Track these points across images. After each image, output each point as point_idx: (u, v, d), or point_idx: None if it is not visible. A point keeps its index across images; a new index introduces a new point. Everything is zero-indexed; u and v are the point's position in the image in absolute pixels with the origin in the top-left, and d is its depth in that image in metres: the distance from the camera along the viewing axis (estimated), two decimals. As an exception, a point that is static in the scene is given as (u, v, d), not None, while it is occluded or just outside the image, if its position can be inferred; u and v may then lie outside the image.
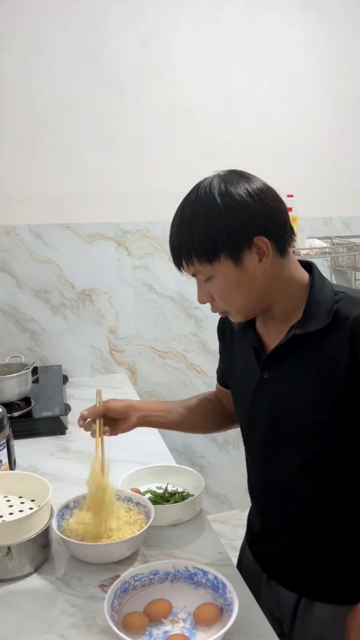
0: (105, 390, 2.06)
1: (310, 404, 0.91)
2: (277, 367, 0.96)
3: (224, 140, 2.25)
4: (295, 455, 0.95)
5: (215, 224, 0.86)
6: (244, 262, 0.88)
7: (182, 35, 2.15)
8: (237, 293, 0.91)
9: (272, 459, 1.00)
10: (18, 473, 1.19)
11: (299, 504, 0.97)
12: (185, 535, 1.11)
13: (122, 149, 2.15)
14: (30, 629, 0.87)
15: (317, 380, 0.90)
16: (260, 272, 0.89)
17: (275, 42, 2.27)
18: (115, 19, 2.06)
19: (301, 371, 0.92)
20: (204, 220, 0.87)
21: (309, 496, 0.96)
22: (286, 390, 0.95)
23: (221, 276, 0.90)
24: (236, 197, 0.86)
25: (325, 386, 0.89)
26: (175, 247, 0.92)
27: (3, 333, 2.11)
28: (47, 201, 2.09)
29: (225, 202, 0.86)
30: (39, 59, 2.01)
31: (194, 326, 2.35)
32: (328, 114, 2.40)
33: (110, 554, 1.00)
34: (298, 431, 0.94)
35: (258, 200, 0.87)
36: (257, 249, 0.88)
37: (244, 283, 0.90)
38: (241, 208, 0.86)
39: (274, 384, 0.97)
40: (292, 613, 1.03)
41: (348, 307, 0.88)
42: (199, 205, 0.88)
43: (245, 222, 0.86)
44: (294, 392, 0.93)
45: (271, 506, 1.04)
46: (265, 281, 0.91)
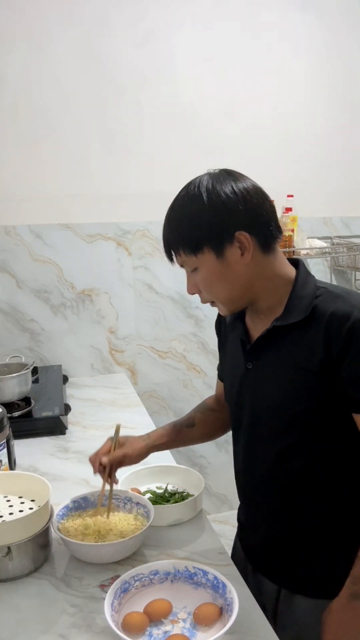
0: (105, 390, 2.08)
1: (287, 394, 0.94)
2: (260, 358, 1.00)
3: (223, 140, 2.25)
4: (273, 445, 0.98)
5: (199, 217, 0.91)
6: (226, 255, 0.92)
7: (182, 35, 2.15)
8: (219, 285, 0.96)
9: (253, 448, 1.03)
10: (18, 473, 1.19)
11: (278, 494, 1.00)
12: (185, 535, 1.11)
13: (122, 149, 2.15)
14: (30, 629, 0.87)
15: (295, 371, 0.93)
16: (242, 267, 0.93)
17: (275, 41, 2.27)
18: (115, 19, 2.06)
19: (280, 362, 0.96)
20: (189, 214, 0.93)
21: (288, 487, 0.98)
22: (267, 381, 0.98)
23: (204, 268, 0.95)
24: (220, 193, 0.91)
25: (302, 377, 0.92)
26: (165, 239, 0.98)
27: (3, 333, 2.11)
28: (47, 201, 2.09)
29: (209, 198, 0.91)
30: (39, 59, 2.01)
31: (194, 326, 2.35)
32: (328, 113, 2.40)
33: (110, 554, 1.00)
34: (277, 421, 0.97)
35: (241, 198, 0.91)
36: (239, 244, 0.92)
37: (226, 276, 0.94)
38: (224, 204, 0.91)
39: (257, 374, 1.01)
40: (274, 605, 1.05)
41: (327, 301, 0.92)
42: (187, 201, 0.93)
43: (227, 216, 0.91)
44: (273, 382, 0.97)
45: (253, 496, 1.07)
46: (247, 275, 0.95)
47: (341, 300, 0.91)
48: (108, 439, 1.13)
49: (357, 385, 0.88)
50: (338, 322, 0.88)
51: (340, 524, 0.97)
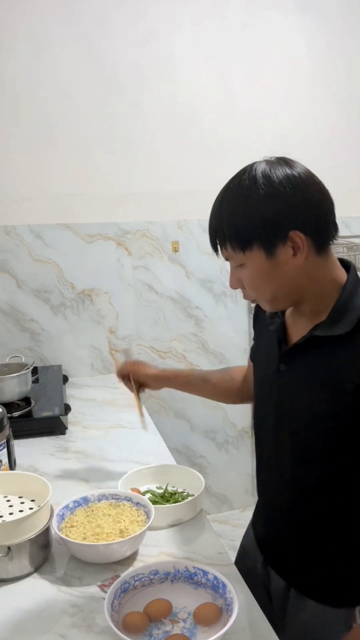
0: (105, 390, 2.08)
1: (316, 409, 0.89)
2: (294, 363, 0.95)
3: (224, 140, 2.25)
4: (296, 451, 0.95)
5: (252, 212, 0.84)
6: (277, 255, 0.86)
7: (182, 34, 2.15)
8: (266, 285, 0.90)
9: (277, 449, 1.00)
10: (18, 473, 1.19)
11: (298, 495, 0.97)
12: (185, 535, 1.11)
13: (122, 149, 2.15)
14: (30, 629, 0.87)
15: (328, 387, 0.87)
16: (293, 268, 0.87)
17: (275, 41, 2.27)
18: (115, 19, 2.06)
19: (313, 373, 0.90)
20: (242, 207, 0.86)
21: (307, 491, 0.95)
22: (297, 389, 0.93)
23: (252, 266, 0.88)
24: (277, 186, 0.84)
25: (333, 395, 0.86)
26: (212, 229, 0.92)
27: (3, 333, 2.11)
28: (47, 201, 2.09)
29: (265, 191, 0.84)
30: (39, 59, 2.01)
31: (194, 326, 2.35)
32: (328, 113, 2.40)
33: (110, 554, 1.00)
34: (302, 432, 0.93)
35: (300, 192, 0.84)
36: (292, 244, 0.85)
37: (275, 276, 0.88)
38: (281, 199, 0.84)
39: (288, 378, 0.96)
40: (283, 602, 1.03)
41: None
42: (241, 191, 0.86)
43: (282, 214, 0.84)
44: (303, 393, 0.92)
45: (272, 490, 1.04)
46: (297, 277, 0.88)
47: None
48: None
49: None
50: None
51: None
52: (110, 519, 1.06)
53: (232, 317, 2.38)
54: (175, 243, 2.24)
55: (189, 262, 2.27)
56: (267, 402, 1.02)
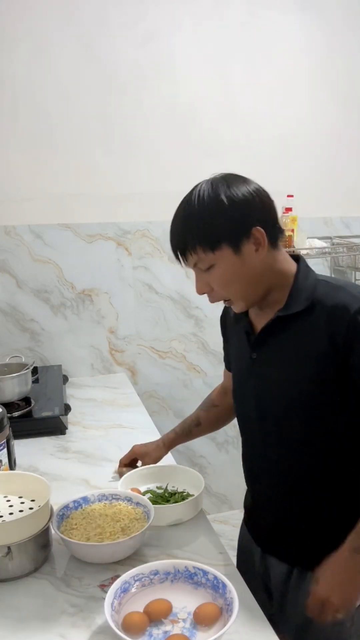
0: (105, 390, 2.08)
1: (291, 381, 0.99)
2: (264, 348, 1.04)
3: (224, 140, 2.25)
4: (281, 432, 1.03)
5: (220, 215, 0.94)
6: (243, 251, 0.96)
7: (182, 34, 2.15)
8: (236, 281, 0.99)
9: (262, 436, 1.07)
10: (18, 473, 1.19)
11: (286, 477, 1.04)
12: (185, 535, 1.11)
13: (122, 149, 2.15)
14: (30, 629, 0.87)
15: (298, 359, 0.97)
16: (256, 262, 0.97)
17: (275, 41, 2.27)
18: (115, 19, 2.06)
19: (284, 351, 1.00)
20: (209, 212, 0.95)
21: (296, 471, 1.02)
22: (271, 370, 1.03)
23: (222, 264, 0.97)
24: (238, 193, 0.95)
25: (305, 364, 0.96)
26: (179, 238, 0.99)
27: (3, 333, 2.11)
28: (47, 201, 2.09)
29: (228, 197, 0.94)
30: (39, 59, 2.00)
31: (194, 326, 2.35)
32: (328, 113, 2.40)
33: (110, 554, 1.00)
34: (282, 409, 1.01)
35: (257, 197, 0.96)
36: (254, 239, 0.96)
37: (242, 271, 0.97)
38: (242, 202, 0.95)
39: (261, 363, 1.05)
40: (283, 587, 1.07)
41: (328, 292, 0.96)
42: (204, 200, 0.95)
43: (245, 214, 0.95)
44: (277, 370, 1.01)
45: (261, 479, 1.11)
46: (260, 270, 0.98)
47: (342, 291, 0.95)
48: (130, 451, 1.37)
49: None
50: (340, 312, 0.92)
51: (351, 502, 1.00)
52: (108, 519, 1.06)
53: (232, 317, 2.38)
54: (175, 243, 2.24)
55: (189, 262, 2.27)
56: (246, 393, 1.10)
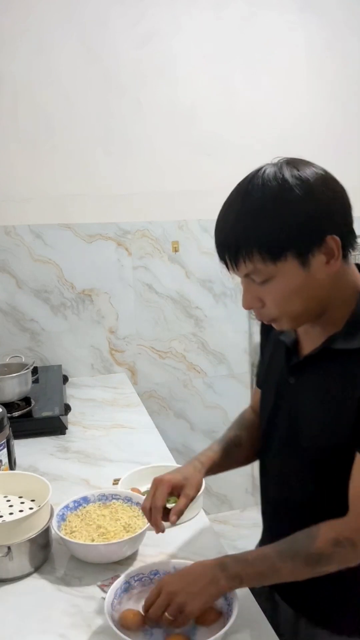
0: (105, 390, 2.08)
1: (323, 424, 0.83)
2: (304, 376, 0.87)
3: (224, 140, 2.24)
4: (307, 471, 0.88)
5: (289, 215, 0.74)
6: (312, 264, 0.77)
7: (182, 34, 2.15)
8: (296, 298, 0.80)
9: (286, 467, 0.92)
10: (18, 473, 1.20)
11: (307, 517, 0.86)
12: (185, 535, 1.11)
13: (122, 149, 2.15)
14: (30, 629, 0.87)
15: (337, 403, 0.81)
16: (324, 277, 0.78)
17: (275, 41, 2.27)
18: (115, 19, 2.06)
19: (325, 388, 0.83)
20: (274, 210, 0.75)
21: (317, 514, 0.85)
22: (306, 403, 0.87)
23: (284, 278, 0.78)
24: (315, 186, 0.75)
25: (341, 412, 0.80)
26: (231, 240, 0.78)
27: (3, 333, 2.11)
28: (47, 201, 2.09)
29: (303, 190, 0.74)
30: (39, 59, 2.01)
31: (194, 326, 2.35)
32: (328, 113, 2.40)
33: (110, 554, 1.00)
34: (310, 449, 0.86)
35: (334, 193, 0.77)
36: (326, 250, 0.77)
37: (307, 288, 0.79)
38: (320, 199, 0.75)
39: (298, 392, 0.88)
40: (292, 637, 0.95)
41: None
42: (272, 194, 0.75)
43: (322, 216, 0.75)
44: (312, 406, 0.85)
45: (280, 512, 0.97)
46: (327, 287, 0.80)
47: None
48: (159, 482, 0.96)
49: None
50: None
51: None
52: (107, 518, 1.06)
53: (232, 317, 2.38)
54: (175, 243, 2.24)
55: (189, 262, 2.27)
56: (274, 416, 0.94)
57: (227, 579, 0.81)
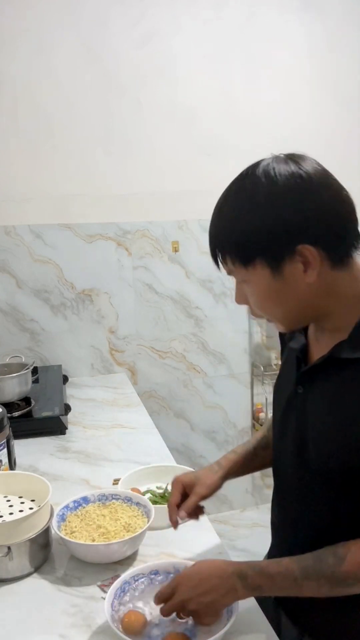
0: (105, 390, 2.08)
1: (331, 437, 0.79)
2: (313, 385, 0.83)
3: (224, 140, 2.25)
4: (318, 487, 0.83)
5: (254, 222, 0.72)
6: (285, 272, 0.73)
7: (182, 34, 2.15)
8: (273, 304, 0.78)
9: (297, 482, 0.88)
10: (18, 473, 1.19)
11: (317, 536, 0.83)
12: (185, 535, 1.11)
13: (123, 149, 2.15)
14: (30, 629, 0.87)
15: (346, 415, 0.76)
16: (303, 285, 0.74)
17: (276, 41, 2.27)
18: (116, 19, 2.06)
19: (333, 398, 0.79)
20: (242, 216, 0.73)
21: (327, 532, 0.82)
22: (314, 413, 0.82)
23: (256, 284, 0.76)
24: (286, 194, 0.71)
25: (351, 425, 0.75)
26: (211, 239, 0.79)
27: (3, 333, 2.11)
28: (47, 201, 2.09)
29: (271, 199, 0.71)
30: (39, 59, 2.01)
31: (194, 326, 2.35)
32: (328, 113, 2.40)
33: (110, 554, 1.00)
34: (318, 461, 0.81)
35: (309, 197, 0.71)
36: (301, 258, 0.73)
37: (283, 296, 0.75)
38: (287, 206, 0.71)
39: (306, 402, 0.84)
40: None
41: None
42: (243, 196, 0.74)
43: (289, 224, 0.71)
44: (320, 418, 0.81)
45: (288, 529, 0.93)
46: (309, 294, 0.76)
47: None
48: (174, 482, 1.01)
49: None
50: None
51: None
52: (107, 519, 1.06)
53: (232, 317, 2.38)
54: (175, 243, 2.24)
55: (189, 262, 2.27)
56: (285, 428, 0.90)
57: (246, 590, 0.79)
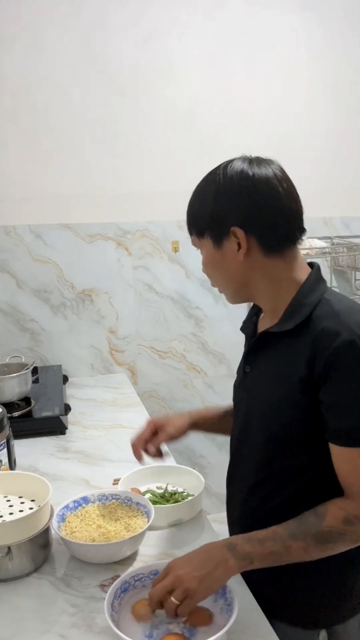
0: (105, 390, 2.08)
1: (272, 404, 0.92)
2: (256, 363, 0.98)
3: (223, 140, 2.24)
4: (259, 451, 0.96)
5: (206, 204, 0.92)
6: (224, 247, 0.91)
7: (182, 34, 2.15)
8: (215, 273, 0.96)
9: (241, 452, 1.04)
10: (18, 473, 1.19)
11: (264, 504, 0.97)
12: (185, 535, 1.11)
13: (122, 149, 2.15)
14: (30, 629, 0.87)
15: (280, 381, 0.90)
16: (237, 262, 0.91)
17: (275, 41, 2.27)
18: (115, 19, 2.06)
19: (270, 370, 0.94)
20: (199, 199, 0.94)
21: (269, 497, 0.96)
22: (258, 388, 0.97)
23: (205, 252, 0.96)
24: (230, 185, 0.89)
25: (286, 388, 0.89)
26: (186, 214, 0.98)
27: (3, 333, 2.11)
28: (47, 201, 2.09)
29: (218, 187, 0.90)
30: (39, 59, 2.01)
31: (194, 326, 2.35)
32: (328, 113, 2.40)
33: (110, 554, 1.00)
34: (262, 431, 0.94)
35: (246, 193, 0.88)
36: (236, 239, 0.90)
37: (222, 266, 0.94)
38: (228, 197, 0.89)
39: (252, 379, 0.99)
40: None
41: (324, 315, 0.87)
42: (206, 183, 0.93)
43: (226, 210, 0.89)
44: (263, 391, 0.95)
45: (236, 500, 1.08)
46: (243, 273, 0.93)
47: (337, 317, 0.85)
48: (148, 422, 1.15)
49: (332, 413, 0.84)
50: (326, 340, 0.83)
51: None
52: (107, 519, 1.06)
53: (232, 317, 2.38)
54: (175, 243, 2.24)
55: (189, 262, 2.27)
56: (238, 403, 1.05)
57: (236, 559, 0.82)
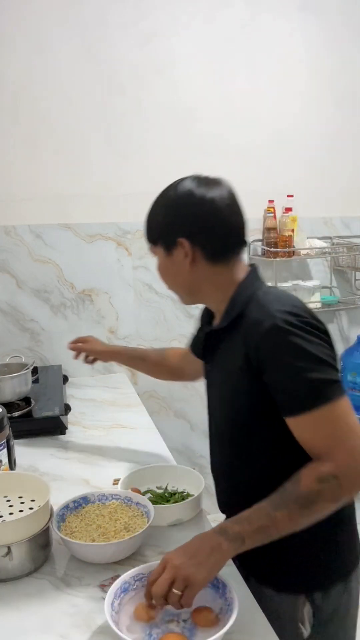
0: (105, 391, 2.08)
1: (227, 394, 1.02)
2: (211, 359, 1.09)
3: (224, 140, 2.25)
4: (222, 441, 1.08)
5: (158, 216, 1.04)
6: (174, 255, 1.02)
7: (182, 35, 2.15)
8: (168, 278, 1.08)
9: (214, 441, 1.14)
10: (18, 473, 1.20)
11: (238, 486, 1.07)
12: (185, 535, 1.10)
13: (123, 149, 2.15)
14: (30, 629, 0.87)
15: (229, 373, 0.99)
16: (185, 270, 1.02)
17: (275, 42, 2.27)
18: (116, 19, 2.06)
19: (220, 365, 1.04)
20: (152, 211, 1.05)
21: (245, 483, 1.04)
22: (216, 381, 1.08)
23: (158, 259, 1.07)
24: (178, 199, 1.00)
25: (233, 379, 0.98)
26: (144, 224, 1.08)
27: (3, 333, 2.11)
28: (47, 201, 2.09)
29: (167, 201, 1.01)
30: (39, 59, 2.01)
31: (194, 326, 2.35)
32: (327, 114, 2.40)
33: (110, 554, 1.00)
34: (225, 419, 1.05)
35: (194, 206, 0.98)
36: (183, 249, 1.00)
37: (172, 272, 1.05)
38: (175, 209, 1.00)
39: (210, 374, 1.11)
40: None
41: (252, 308, 0.95)
42: (160, 197, 1.04)
43: (173, 222, 1.01)
44: (219, 383, 1.06)
45: (220, 487, 1.16)
46: (191, 279, 1.03)
47: (264, 307, 0.92)
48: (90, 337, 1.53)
49: (277, 390, 0.91)
50: (253, 330, 0.91)
51: None
52: (106, 519, 1.06)
53: (232, 317, 2.38)
54: (175, 243, 2.24)
55: (189, 262, 2.27)
56: (208, 399, 1.14)
57: (229, 541, 0.84)
